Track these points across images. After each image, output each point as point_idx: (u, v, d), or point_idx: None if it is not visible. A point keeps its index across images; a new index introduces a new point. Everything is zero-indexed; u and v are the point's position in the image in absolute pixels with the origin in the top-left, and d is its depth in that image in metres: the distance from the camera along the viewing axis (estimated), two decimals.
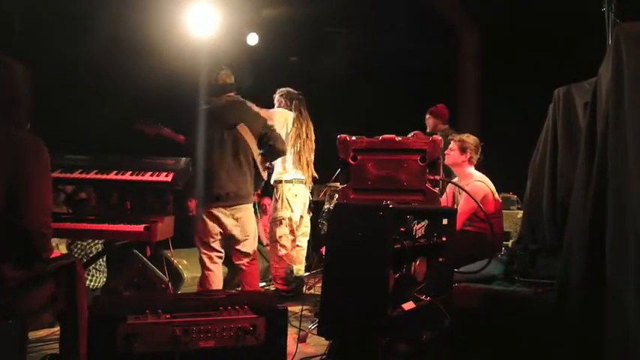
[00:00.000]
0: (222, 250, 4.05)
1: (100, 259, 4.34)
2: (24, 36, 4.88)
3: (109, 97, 5.08)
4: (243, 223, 4.04)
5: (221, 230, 3.97)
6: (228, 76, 4.13)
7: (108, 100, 5.08)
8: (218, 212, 3.93)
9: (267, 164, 4.44)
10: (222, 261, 4.07)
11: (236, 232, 4.00)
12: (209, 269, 3.98)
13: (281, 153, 4.32)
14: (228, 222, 3.97)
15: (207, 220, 3.94)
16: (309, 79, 6.49)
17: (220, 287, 4.03)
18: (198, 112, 4.01)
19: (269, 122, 4.28)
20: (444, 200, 4.24)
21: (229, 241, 4.04)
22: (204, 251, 3.99)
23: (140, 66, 5.18)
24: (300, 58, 7.60)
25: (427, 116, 5.99)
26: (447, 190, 4.39)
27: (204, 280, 3.99)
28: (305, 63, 7.47)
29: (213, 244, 3.98)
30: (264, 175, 4.34)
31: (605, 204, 2.16)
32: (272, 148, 4.17)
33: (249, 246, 4.09)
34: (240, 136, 3.98)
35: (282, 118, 4.94)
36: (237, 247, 4.05)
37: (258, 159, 4.11)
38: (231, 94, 4.13)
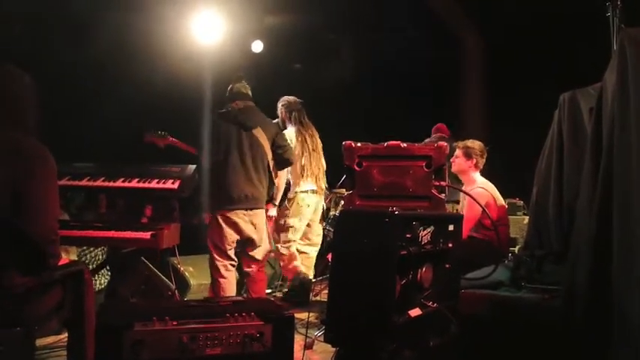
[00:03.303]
0: (236, 259, 4.03)
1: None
2: (28, 42, 4.91)
3: (115, 104, 5.10)
4: (260, 229, 4.04)
5: (238, 237, 3.95)
6: (244, 86, 4.21)
7: (113, 107, 5.10)
8: (236, 217, 3.91)
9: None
10: (235, 268, 4.06)
11: (255, 237, 4.00)
12: (223, 277, 3.93)
13: (288, 162, 4.34)
14: (247, 227, 3.95)
15: (225, 226, 3.90)
16: (313, 86, 6.51)
17: (234, 294, 3.98)
18: (213, 115, 4.04)
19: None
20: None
21: (244, 246, 4.02)
22: (219, 259, 3.94)
23: (146, 72, 5.21)
24: (304, 65, 7.62)
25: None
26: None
27: (217, 288, 3.93)
28: (309, 70, 7.49)
29: (229, 252, 3.95)
30: (277, 182, 4.37)
31: (611, 209, 2.16)
32: (280, 157, 4.20)
33: (261, 252, 4.09)
34: (256, 139, 4.02)
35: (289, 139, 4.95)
36: (251, 253, 4.04)
37: (271, 164, 4.14)
38: (246, 101, 4.17)
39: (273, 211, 4.88)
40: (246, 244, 4.02)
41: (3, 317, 2.21)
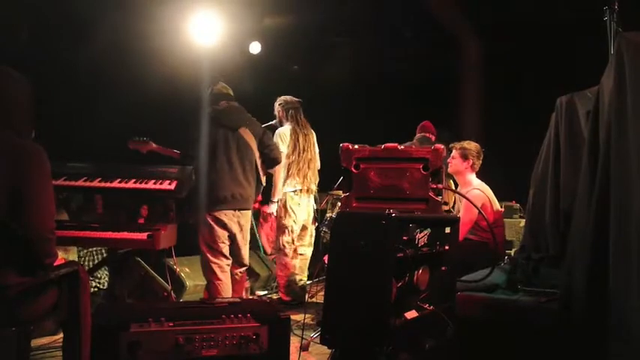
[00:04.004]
0: (231, 258, 4.01)
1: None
2: (27, 43, 4.90)
3: (112, 104, 5.09)
4: (245, 230, 4.03)
5: (229, 235, 3.94)
6: (224, 87, 4.20)
7: (111, 107, 5.09)
8: (224, 217, 3.90)
9: (268, 171, 4.45)
10: (229, 268, 4.03)
11: (239, 238, 3.99)
12: (219, 279, 3.90)
13: (276, 161, 4.33)
14: (234, 228, 3.94)
15: (215, 226, 3.89)
16: (311, 88, 6.51)
17: (230, 296, 3.96)
18: (197, 117, 4.03)
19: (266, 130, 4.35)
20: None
21: (230, 248, 4.01)
22: (214, 260, 3.91)
23: (144, 74, 5.20)
24: (302, 66, 7.63)
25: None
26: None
27: (213, 289, 3.90)
28: (307, 71, 7.50)
29: (223, 250, 3.93)
30: (263, 180, 4.35)
31: (608, 213, 2.16)
32: (267, 156, 4.20)
33: (246, 255, 4.10)
34: (243, 139, 4.02)
35: (284, 136, 4.96)
36: (237, 256, 4.03)
37: (259, 163, 4.14)
38: (229, 101, 4.16)
39: (273, 208, 4.87)
40: (232, 245, 4.00)
41: None
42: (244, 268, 4.12)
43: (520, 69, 6.57)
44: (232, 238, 3.98)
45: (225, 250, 3.96)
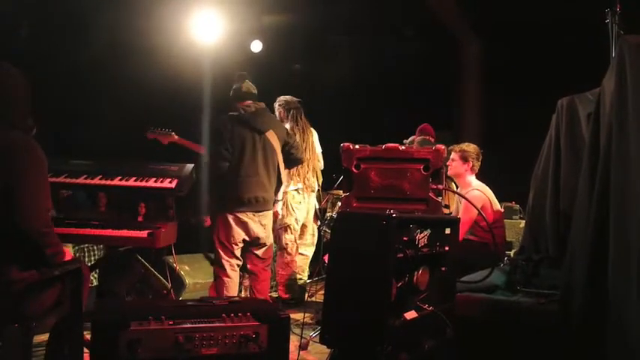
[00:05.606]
0: (241, 258, 4.06)
1: None
2: (30, 41, 4.90)
3: (113, 102, 5.10)
4: (268, 229, 4.11)
5: (246, 237, 3.99)
6: (252, 86, 4.22)
7: (112, 105, 5.10)
8: (246, 217, 3.95)
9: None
10: (239, 269, 4.08)
11: (262, 236, 4.05)
12: (229, 276, 3.96)
13: (298, 161, 4.46)
14: (256, 227, 4.00)
15: (234, 225, 3.94)
16: (312, 86, 6.51)
17: (236, 294, 4.02)
18: (222, 116, 4.05)
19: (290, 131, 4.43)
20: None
21: (251, 246, 4.06)
22: (226, 257, 3.97)
23: (145, 72, 5.20)
24: (304, 65, 7.62)
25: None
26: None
27: (221, 287, 3.95)
28: (308, 70, 7.50)
29: (236, 251, 3.99)
30: (284, 180, 4.42)
31: (608, 215, 2.17)
32: (292, 156, 4.30)
33: (267, 252, 4.14)
34: (269, 142, 4.07)
35: None
36: (257, 252, 4.08)
37: (282, 165, 4.19)
38: (256, 102, 4.19)
39: (278, 206, 4.89)
40: (253, 243, 4.05)
41: (2, 314, 2.20)
42: (265, 265, 4.15)
43: (520, 70, 6.56)
44: (254, 238, 4.03)
45: (237, 251, 4.00)
